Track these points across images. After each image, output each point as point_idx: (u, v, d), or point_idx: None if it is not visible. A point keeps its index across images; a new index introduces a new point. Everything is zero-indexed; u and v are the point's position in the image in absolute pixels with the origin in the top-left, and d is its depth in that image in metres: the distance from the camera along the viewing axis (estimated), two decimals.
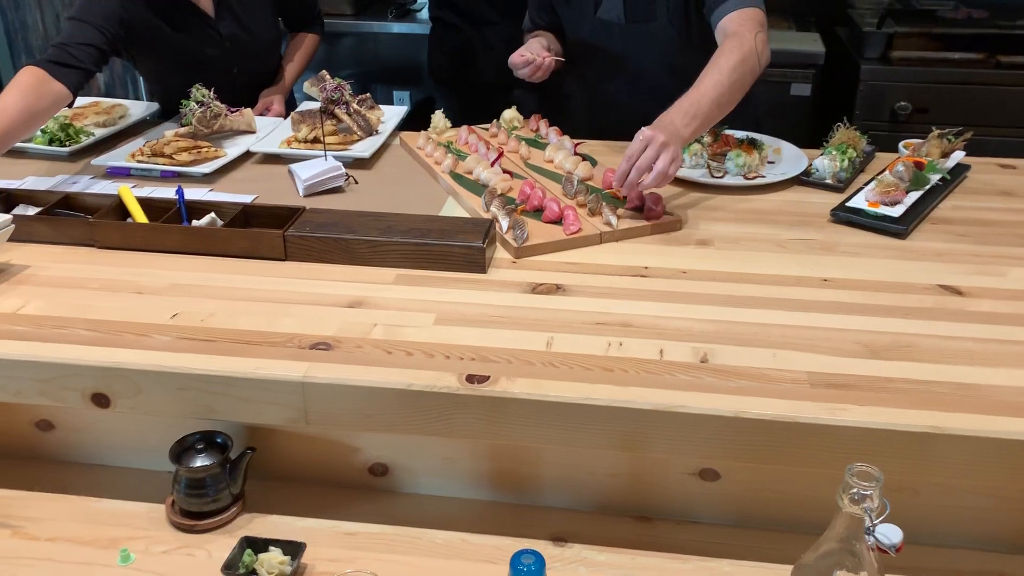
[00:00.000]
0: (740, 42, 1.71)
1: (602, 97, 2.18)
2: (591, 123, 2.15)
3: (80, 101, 2.26)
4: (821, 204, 1.66)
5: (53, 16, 3.86)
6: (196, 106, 1.97)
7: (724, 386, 1.12)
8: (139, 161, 1.87)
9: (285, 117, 2.18)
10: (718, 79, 1.64)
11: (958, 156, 1.81)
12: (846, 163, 1.76)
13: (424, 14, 3.59)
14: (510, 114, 2.07)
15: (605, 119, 2.15)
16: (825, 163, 1.76)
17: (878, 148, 1.92)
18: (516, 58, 1.96)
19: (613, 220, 1.54)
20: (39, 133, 2.00)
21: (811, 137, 2.16)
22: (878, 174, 1.72)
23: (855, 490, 0.82)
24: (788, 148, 1.91)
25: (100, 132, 2.09)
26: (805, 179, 1.77)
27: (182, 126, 2.02)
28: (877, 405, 1.07)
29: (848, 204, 1.63)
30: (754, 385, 1.12)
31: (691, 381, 1.13)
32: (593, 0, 2.02)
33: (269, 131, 2.06)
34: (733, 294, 1.35)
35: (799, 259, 1.47)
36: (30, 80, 1.75)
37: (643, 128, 1.57)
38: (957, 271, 1.42)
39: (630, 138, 1.57)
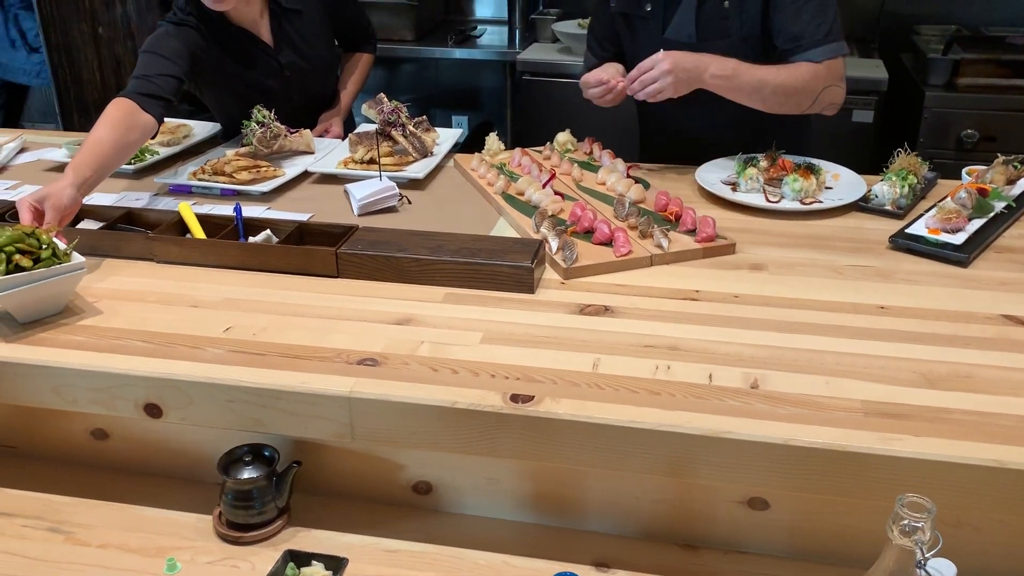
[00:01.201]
0: (815, 78, 1.78)
1: (673, 125, 2.13)
2: (660, 154, 2.13)
3: None
4: (880, 231, 1.63)
5: (113, 65, 3.73)
6: (256, 127, 2.02)
7: (775, 413, 1.09)
8: (200, 179, 1.92)
9: (343, 139, 2.21)
10: (772, 75, 1.71)
11: None
12: (906, 189, 1.72)
13: (485, 39, 3.63)
14: (564, 137, 2.08)
15: (679, 148, 2.09)
16: (884, 189, 1.73)
17: (941, 175, 1.87)
18: (590, 76, 1.92)
19: (664, 243, 1.53)
20: None
21: (873, 165, 2.12)
22: (939, 201, 1.68)
23: (905, 521, 0.80)
24: (847, 174, 1.87)
25: (164, 151, 2.15)
26: (864, 205, 1.74)
27: (243, 146, 2.06)
28: (934, 436, 1.04)
29: (908, 231, 1.59)
30: (806, 413, 1.09)
31: (741, 407, 1.11)
32: (661, 20, 1.98)
33: (327, 152, 2.09)
34: (786, 320, 1.32)
35: (856, 286, 1.43)
36: (120, 113, 1.78)
37: (663, 51, 1.75)
38: (1021, 301, 1.37)
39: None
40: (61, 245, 1.38)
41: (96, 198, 1.86)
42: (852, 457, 1.03)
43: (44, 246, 1.35)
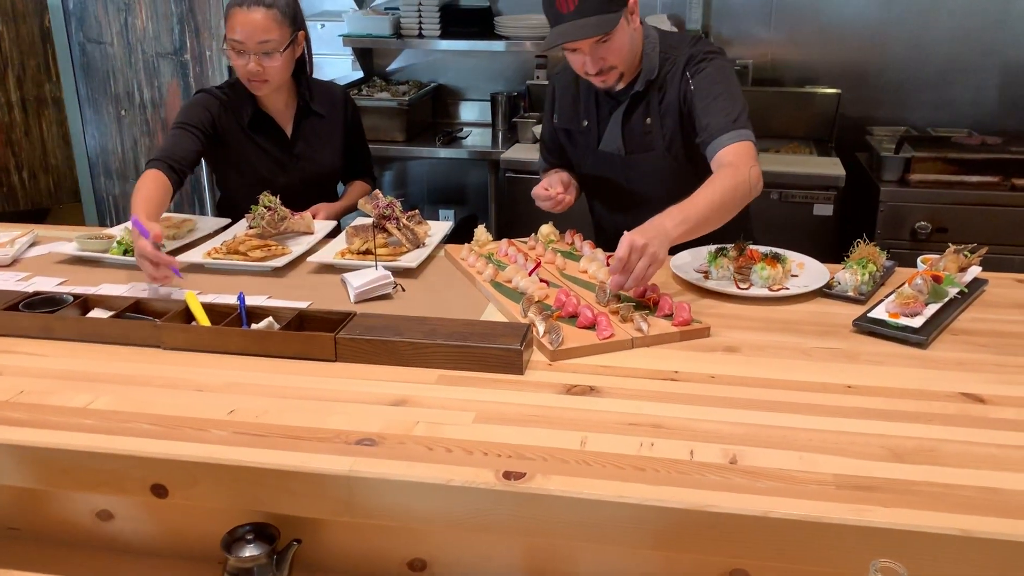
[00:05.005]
0: (735, 171, 1.82)
1: (608, 223, 2.26)
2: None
3: None
4: (843, 315, 1.67)
5: (131, 142, 4.17)
6: (265, 211, 2.12)
7: (752, 486, 1.11)
8: (215, 258, 2.01)
9: (330, 220, 2.31)
10: (710, 197, 1.76)
11: (975, 271, 1.82)
12: (867, 277, 1.77)
13: (471, 140, 3.73)
14: (547, 229, 2.13)
15: (613, 245, 2.20)
16: (847, 276, 1.78)
17: (898, 264, 1.93)
18: (539, 190, 2.07)
19: (644, 326, 1.56)
20: (115, 245, 2.10)
21: (834, 255, 2.18)
22: (898, 287, 1.73)
23: None
24: (811, 263, 1.92)
25: (170, 244, 2.17)
26: (827, 291, 1.78)
27: (250, 228, 2.14)
28: (902, 507, 1.06)
29: (870, 315, 1.63)
30: (782, 486, 1.11)
31: (720, 481, 1.12)
32: (595, 135, 2.13)
33: (324, 234, 2.18)
34: (761, 399, 1.35)
35: (823, 366, 1.47)
36: (155, 176, 2.11)
37: (626, 232, 1.65)
38: (978, 379, 1.41)
39: None
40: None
41: (105, 288, 1.88)
42: (826, 528, 1.04)
43: None
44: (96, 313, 1.69)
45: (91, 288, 1.87)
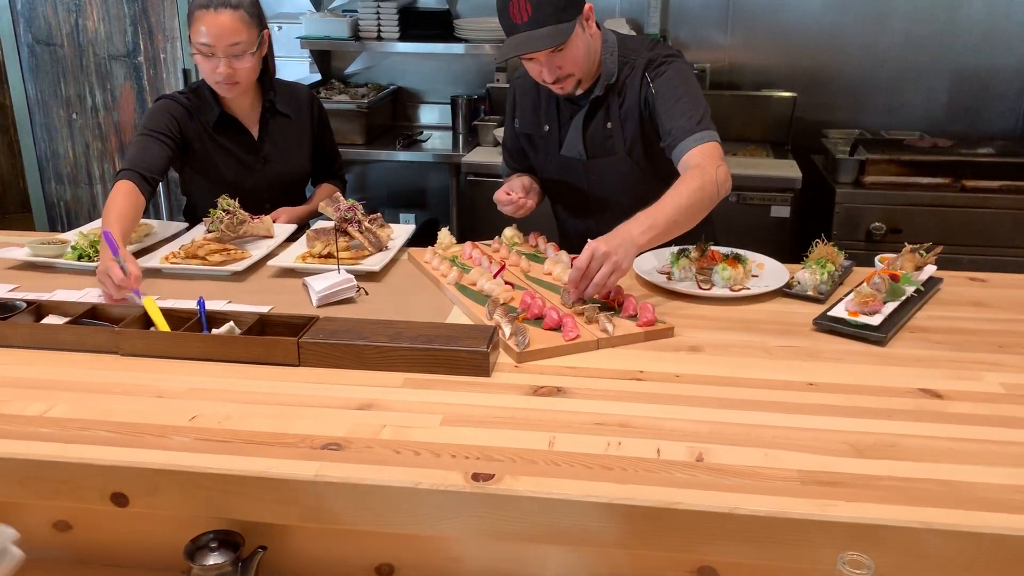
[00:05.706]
0: (702, 172, 1.82)
1: (572, 228, 2.28)
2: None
3: None
4: (804, 314, 1.70)
5: (83, 146, 4.11)
6: (223, 214, 2.09)
7: (719, 483, 1.12)
8: (173, 262, 1.97)
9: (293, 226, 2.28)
10: (677, 200, 1.76)
11: (930, 270, 1.86)
12: (826, 276, 1.80)
13: (431, 143, 3.73)
14: (511, 232, 2.14)
15: (577, 249, 2.21)
16: (806, 276, 1.81)
17: (856, 263, 1.97)
18: (501, 195, 2.08)
19: (609, 327, 1.57)
20: (69, 250, 2.05)
21: (792, 256, 2.21)
22: (856, 286, 1.76)
23: None
24: (771, 263, 1.95)
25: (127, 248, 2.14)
26: (788, 291, 1.81)
27: (208, 232, 2.11)
28: (865, 501, 1.08)
29: (829, 313, 1.66)
30: (747, 483, 1.13)
31: (687, 479, 1.13)
32: (557, 140, 2.14)
33: (284, 238, 2.16)
34: (725, 397, 1.37)
35: (785, 364, 1.49)
36: (129, 194, 2.04)
37: (591, 240, 1.66)
38: (935, 375, 1.44)
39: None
40: None
41: (60, 294, 1.84)
42: (791, 523, 1.06)
43: None
44: (51, 320, 1.65)
45: (45, 294, 1.83)
